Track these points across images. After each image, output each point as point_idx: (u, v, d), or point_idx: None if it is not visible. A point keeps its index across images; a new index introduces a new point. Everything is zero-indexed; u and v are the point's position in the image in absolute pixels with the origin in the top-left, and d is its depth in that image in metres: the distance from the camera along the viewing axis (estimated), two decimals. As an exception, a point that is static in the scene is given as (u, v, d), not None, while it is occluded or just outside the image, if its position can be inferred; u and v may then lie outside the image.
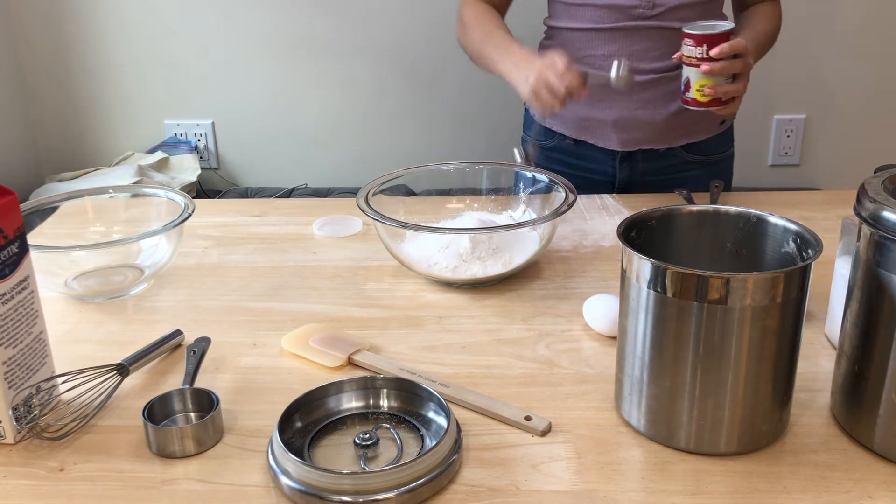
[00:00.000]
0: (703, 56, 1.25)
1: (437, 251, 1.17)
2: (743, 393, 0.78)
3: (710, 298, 0.74)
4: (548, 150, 1.56)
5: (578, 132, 1.51)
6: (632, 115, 1.44)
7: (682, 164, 1.51)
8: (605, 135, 1.48)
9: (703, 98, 1.28)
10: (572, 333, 1.04)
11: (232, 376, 0.96)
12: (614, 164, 1.51)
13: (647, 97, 1.43)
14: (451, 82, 2.64)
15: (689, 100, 1.30)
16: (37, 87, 2.73)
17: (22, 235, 0.84)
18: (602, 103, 1.44)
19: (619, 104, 1.44)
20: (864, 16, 2.57)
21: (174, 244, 1.19)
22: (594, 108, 1.45)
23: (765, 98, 2.67)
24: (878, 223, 0.74)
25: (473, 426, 0.86)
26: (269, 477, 0.79)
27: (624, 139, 1.47)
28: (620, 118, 1.45)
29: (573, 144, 1.52)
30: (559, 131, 1.53)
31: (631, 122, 1.45)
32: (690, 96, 1.30)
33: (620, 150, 1.49)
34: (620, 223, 0.84)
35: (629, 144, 1.47)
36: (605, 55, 1.40)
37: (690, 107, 1.30)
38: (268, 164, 2.80)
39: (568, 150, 1.54)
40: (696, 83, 1.28)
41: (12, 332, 0.83)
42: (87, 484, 0.79)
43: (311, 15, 2.62)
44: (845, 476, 0.78)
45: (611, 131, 1.47)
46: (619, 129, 1.46)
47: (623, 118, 1.45)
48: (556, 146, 1.55)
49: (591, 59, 1.42)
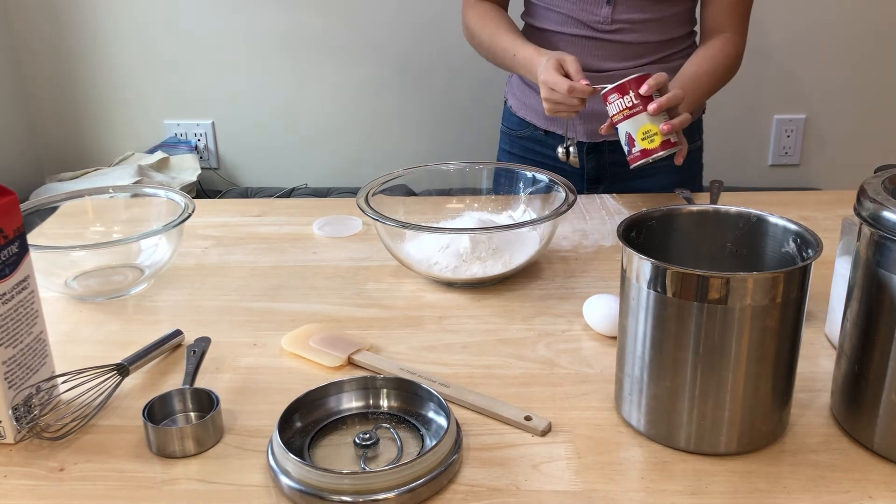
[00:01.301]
0: (634, 102, 1.21)
1: (437, 251, 1.17)
2: (743, 393, 0.78)
3: (710, 298, 0.74)
4: (523, 140, 1.59)
5: (547, 123, 1.53)
6: (597, 107, 1.45)
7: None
8: (571, 126, 1.50)
9: (651, 145, 1.21)
10: (572, 333, 1.04)
11: (232, 376, 0.96)
12: (582, 155, 1.53)
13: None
14: (451, 82, 2.64)
15: (638, 154, 1.23)
16: (37, 88, 2.73)
17: (22, 235, 0.84)
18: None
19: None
20: (865, 16, 2.57)
21: (174, 244, 1.19)
22: None
23: (765, 98, 2.67)
24: (878, 223, 0.74)
25: (473, 426, 0.86)
26: (269, 477, 0.79)
27: (589, 130, 1.49)
28: (587, 110, 1.46)
29: (544, 135, 1.55)
30: (532, 122, 1.56)
31: (596, 114, 1.46)
32: (638, 149, 1.22)
33: (587, 141, 1.51)
34: (620, 223, 0.84)
35: (595, 135, 1.49)
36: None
37: (640, 162, 1.23)
38: (268, 164, 2.80)
39: (539, 140, 1.56)
40: (638, 132, 1.21)
41: (12, 332, 0.83)
42: (87, 484, 0.79)
43: (312, 15, 2.62)
44: (845, 476, 0.78)
45: (577, 122, 1.49)
46: (584, 121, 1.49)
47: (589, 110, 1.46)
48: (529, 136, 1.58)
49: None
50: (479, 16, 1.48)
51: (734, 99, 2.57)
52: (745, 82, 2.59)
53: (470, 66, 2.52)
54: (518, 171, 1.33)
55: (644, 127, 1.21)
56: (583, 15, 1.40)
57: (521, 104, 1.57)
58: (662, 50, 1.45)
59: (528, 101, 1.55)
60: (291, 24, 2.63)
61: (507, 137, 1.63)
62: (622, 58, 1.43)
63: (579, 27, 1.42)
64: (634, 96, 1.21)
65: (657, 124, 1.21)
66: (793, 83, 2.66)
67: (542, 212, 1.27)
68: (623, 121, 1.23)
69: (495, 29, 1.44)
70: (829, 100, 2.67)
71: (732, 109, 2.62)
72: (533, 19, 1.49)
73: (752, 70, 2.58)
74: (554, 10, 1.43)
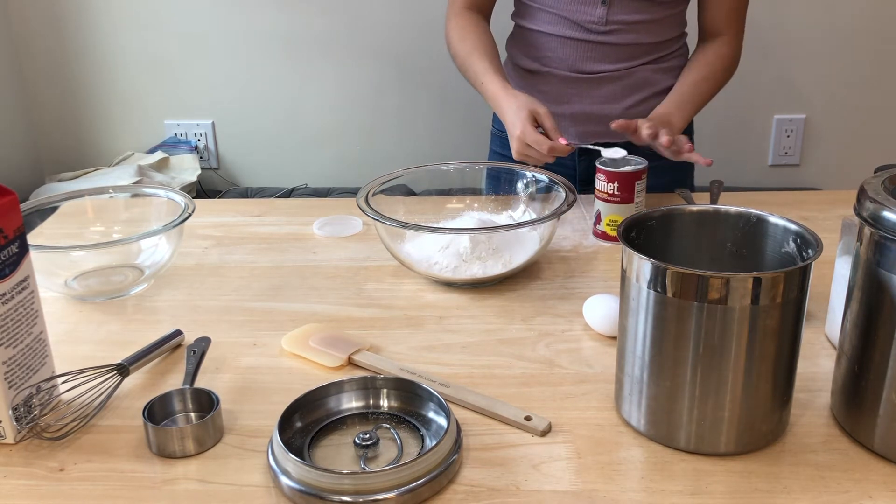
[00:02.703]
0: (616, 193, 1.27)
1: (437, 251, 1.17)
2: (743, 393, 0.78)
3: (710, 298, 0.74)
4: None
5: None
6: (589, 109, 1.47)
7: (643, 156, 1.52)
8: (563, 129, 1.49)
9: (612, 232, 1.29)
10: (572, 333, 1.04)
11: (232, 376, 0.96)
12: (574, 158, 1.53)
13: (605, 92, 1.47)
14: (451, 82, 2.64)
15: (600, 233, 1.31)
16: (37, 88, 2.73)
17: (22, 235, 0.84)
18: (560, 98, 1.47)
19: (578, 99, 1.47)
20: (865, 16, 2.57)
21: (174, 244, 1.19)
22: (553, 103, 1.47)
23: (765, 98, 2.67)
24: (878, 223, 0.74)
25: (473, 426, 0.86)
26: (269, 477, 0.79)
27: (581, 133, 1.49)
28: (578, 112, 1.48)
29: None
30: None
31: (589, 116, 1.48)
32: (600, 229, 1.30)
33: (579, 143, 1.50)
34: (620, 223, 0.84)
35: (587, 138, 1.49)
36: (561, 58, 1.45)
37: (601, 240, 1.31)
38: (268, 164, 2.81)
39: None
40: (607, 217, 1.29)
41: (12, 332, 0.83)
42: (87, 484, 0.79)
43: (312, 15, 2.62)
44: (845, 476, 0.78)
45: (569, 125, 1.49)
46: (576, 123, 1.49)
47: (581, 112, 1.47)
48: None
49: (547, 60, 1.47)
50: (460, 27, 1.47)
51: (734, 99, 2.57)
52: (745, 82, 2.60)
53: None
54: (518, 171, 1.33)
55: (613, 216, 1.29)
56: (577, 15, 1.40)
57: None
58: (654, 52, 1.45)
59: None
60: (292, 25, 2.63)
61: (498, 139, 1.63)
62: (615, 59, 1.44)
63: (572, 28, 1.42)
64: (616, 189, 1.27)
65: (624, 216, 1.25)
66: (793, 83, 2.66)
67: (542, 212, 1.27)
68: (599, 199, 1.30)
69: (472, 49, 1.43)
70: (829, 100, 2.67)
71: (732, 109, 2.63)
72: (524, 20, 1.49)
73: (751, 70, 2.59)
74: (547, 10, 1.43)
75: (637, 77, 1.46)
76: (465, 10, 1.49)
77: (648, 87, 1.47)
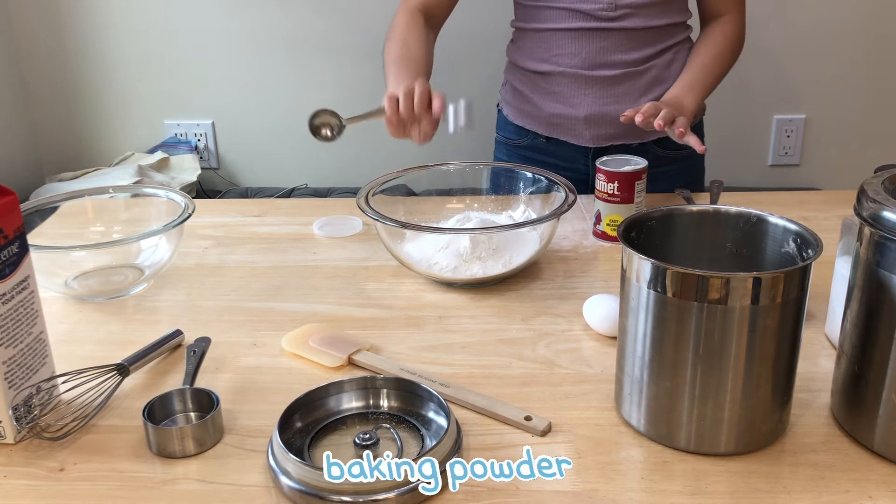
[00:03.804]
0: (616, 193, 1.27)
1: (437, 251, 1.17)
2: (743, 393, 0.78)
3: (710, 298, 0.74)
4: (521, 149, 1.58)
5: (550, 129, 1.52)
6: (603, 110, 1.46)
7: (654, 160, 1.52)
8: (577, 131, 1.49)
9: (612, 232, 1.29)
10: (572, 333, 1.04)
11: (232, 376, 0.96)
12: (587, 160, 1.52)
13: (618, 92, 1.45)
14: (451, 83, 2.64)
15: (600, 233, 1.31)
16: (37, 88, 2.73)
17: (22, 235, 0.84)
18: (572, 99, 1.46)
19: (591, 100, 1.46)
20: (865, 16, 2.57)
21: (174, 244, 1.19)
22: (565, 105, 1.46)
23: (765, 98, 2.67)
24: (878, 223, 0.74)
25: (473, 426, 0.86)
26: (269, 477, 0.79)
27: (596, 135, 1.48)
28: (592, 114, 1.46)
29: (545, 142, 1.54)
30: (532, 129, 1.54)
31: (603, 117, 1.46)
32: (601, 229, 1.31)
33: (593, 146, 1.50)
34: (620, 223, 0.84)
35: (601, 140, 1.48)
36: (572, 53, 1.43)
37: (601, 240, 1.31)
38: (268, 164, 2.80)
39: (541, 148, 1.55)
40: (606, 217, 1.30)
41: (12, 332, 0.83)
42: (87, 484, 0.79)
43: (312, 14, 2.62)
44: (845, 476, 0.78)
45: (583, 127, 1.48)
46: (590, 125, 1.48)
47: (595, 114, 1.46)
48: (529, 144, 1.56)
49: (558, 59, 1.45)
50: (405, 25, 1.44)
51: (734, 99, 2.57)
52: (745, 82, 2.60)
53: (470, 66, 2.52)
54: (518, 171, 1.33)
55: (613, 216, 1.29)
56: (584, 5, 1.39)
57: (518, 112, 1.56)
58: (664, 38, 1.44)
59: (525, 107, 1.54)
60: (292, 25, 2.63)
61: (503, 147, 1.62)
62: (628, 48, 1.41)
63: (581, 19, 1.40)
64: (616, 189, 1.27)
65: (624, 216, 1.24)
66: (793, 83, 2.66)
67: (542, 212, 1.27)
68: (599, 199, 1.30)
69: (407, 53, 1.40)
70: (829, 100, 2.67)
71: (732, 109, 2.62)
72: (527, 23, 1.47)
73: (751, 70, 2.59)
74: (553, 6, 1.41)
75: (649, 76, 1.45)
76: (417, 12, 1.46)
77: (660, 85, 1.45)
